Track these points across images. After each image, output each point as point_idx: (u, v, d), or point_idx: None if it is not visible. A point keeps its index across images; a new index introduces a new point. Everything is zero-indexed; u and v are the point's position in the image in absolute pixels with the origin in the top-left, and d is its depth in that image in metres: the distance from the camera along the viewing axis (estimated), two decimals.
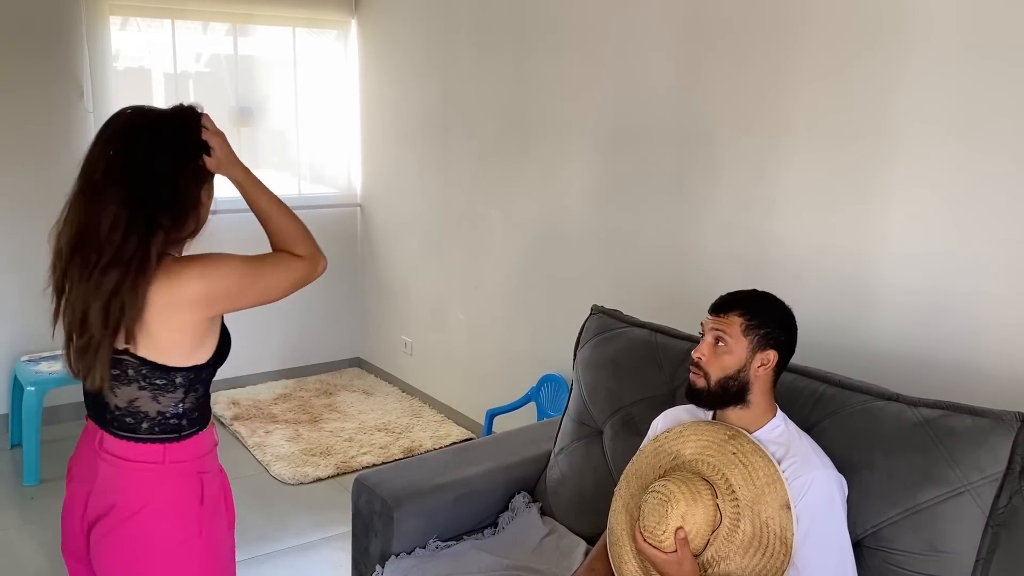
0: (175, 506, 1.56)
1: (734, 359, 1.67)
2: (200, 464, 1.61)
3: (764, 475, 1.62)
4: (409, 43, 4.35)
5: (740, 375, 1.67)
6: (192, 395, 1.58)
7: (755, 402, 1.70)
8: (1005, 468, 1.60)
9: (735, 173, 2.65)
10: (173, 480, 1.57)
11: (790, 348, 1.73)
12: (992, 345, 2.04)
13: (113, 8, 4.13)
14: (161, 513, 1.55)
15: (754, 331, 1.67)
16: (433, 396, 4.48)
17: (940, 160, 2.11)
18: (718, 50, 2.66)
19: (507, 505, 2.42)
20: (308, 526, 3.28)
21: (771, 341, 1.68)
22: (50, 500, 3.44)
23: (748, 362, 1.67)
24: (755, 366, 1.67)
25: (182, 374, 1.55)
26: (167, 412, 1.56)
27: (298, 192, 4.89)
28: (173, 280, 1.47)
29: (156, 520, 1.55)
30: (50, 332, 1.61)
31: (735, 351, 1.67)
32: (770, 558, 1.60)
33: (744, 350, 1.67)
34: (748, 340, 1.67)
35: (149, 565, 1.57)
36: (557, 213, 3.44)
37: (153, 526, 1.55)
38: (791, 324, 1.74)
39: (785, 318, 1.73)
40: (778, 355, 1.69)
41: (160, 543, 1.56)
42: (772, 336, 1.68)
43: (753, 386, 1.69)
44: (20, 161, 3.94)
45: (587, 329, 2.51)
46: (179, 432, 1.57)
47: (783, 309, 1.74)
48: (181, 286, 1.47)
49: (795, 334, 1.74)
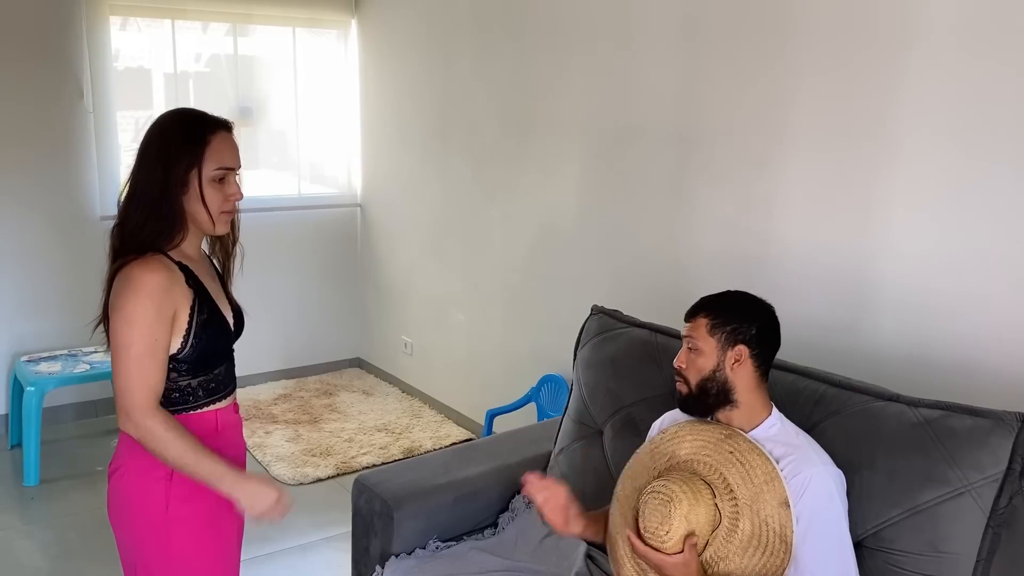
0: (143, 475, 1.66)
1: (706, 360, 1.70)
2: None
3: (762, 473, 1.62)
4: (409, 43, 4.35)
5: (716, 375, 1.70)
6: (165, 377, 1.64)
7: (744, 401, 1.71)
8: (1005, 468, 1.60)
9: (735, 173, 2.65)
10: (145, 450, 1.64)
11: (765, 342, 1.72)
12: (992, 345, 2.04)
13: (113, 8, 4.13)
14: (131, 477, 1.67)
15: (719, 329, 1.70)
16: (433, 396, 4.48)
17: (940, 160, 2.11)
18: (718, 50, 2.66)
19: (507, 505, 2.41)
20: (308, 526, 3.28)
21: (739, 337, 1.69)
22: (50, 500, 3.44)
23: (721, 361, 1.69)
24: (729, 364, 1.69)
25: None
26: None
27: (298, 192, 4.89)
28: (121, 280, 1.59)
29: (126, 482, 1.68)
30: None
31: (705, 352, 1.70)
32: (770, 556, 1.60)
33: (714, 350, 1.70)
34: (715, 339, 1.70)
35: (123, 526, 1.71)
36: (557, 213, 3.44)
37: (124, 487, 1.68)
38: (763, 318, 1.73)
39: (753, 313, 1.73)
40: (750, 350, 1.69)
41: (130, 507, 1.68)
42: (739, 331, 1.69)
43: (735, 385, 1.70)
44: (20, 161, 3.94)
45: (587, 329, 2.51)
46: None
47: (752, 305, 1.75)
48: (117, 288, 1.60)
49: (771, 327, 1.74)
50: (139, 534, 1.70)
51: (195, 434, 1.63)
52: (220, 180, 1.66)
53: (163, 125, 1.65)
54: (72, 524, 3.24)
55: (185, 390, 1.69)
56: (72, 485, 3.55)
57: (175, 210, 1.62)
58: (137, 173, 1.63)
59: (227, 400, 1.78)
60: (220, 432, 1.75)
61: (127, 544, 1.73)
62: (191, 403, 1.70)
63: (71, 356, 3.89)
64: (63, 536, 3.17)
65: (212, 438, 1.70)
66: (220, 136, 1.66)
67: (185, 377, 1.68)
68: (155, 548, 1.69)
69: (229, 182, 1.68)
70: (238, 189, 1.70)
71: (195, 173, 1.62)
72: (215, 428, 1.74)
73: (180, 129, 1.64)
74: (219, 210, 1.66)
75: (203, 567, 1.74)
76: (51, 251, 4.06)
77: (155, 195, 1.61)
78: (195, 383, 1.69)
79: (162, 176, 1.60)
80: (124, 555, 1.74)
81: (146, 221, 1.61)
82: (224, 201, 1.66)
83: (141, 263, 1.58)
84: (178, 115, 1.68)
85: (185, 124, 1.65)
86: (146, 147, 1.64)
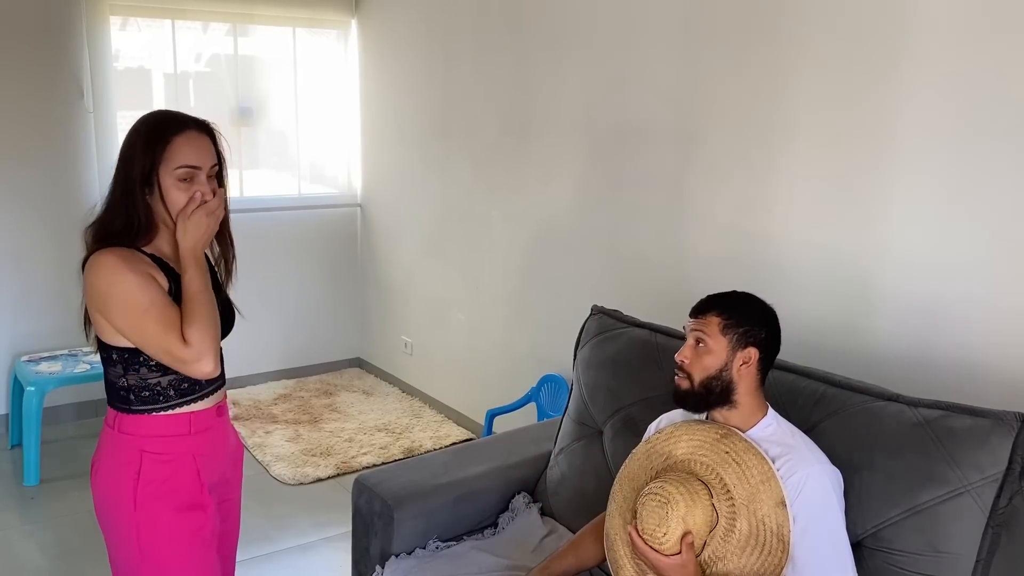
0: (115, 472, 1.69)
1: (715, 359, 1.69)
2: (146, 442, 1.68)
3: (758, 473, 1.62)
4: (409, 43, 4.35)
5: (723, 374, 1.69)
6: (134, 373, 1.65)
7: (742, 402, 1.71)
8: (1005, 468, 1.60)
9: (735, 173, 2.65)
10: (118, 447, 1.69)
11: (772, 346, 1.73)
12: (992, 345, 2.04)
13: (113, 8, 4.13)
14: (105, 475, 1.70)
15: (732, 330, 1.69)
16: (433, 396, 4.48)
17: (940, 160, 2.11)
18: (718, 50, 2.66)
19: (507, 505, 2.42)
20: (308, 526, 3.28)
21: (750, 339, 1.69)
22: (50, 500, 3.44)
23: (729, 361, 1.69)
24: (737, 364, 1.69)
25: (116, 351, 1.65)
26: (116, 384, 1.69)
27: (298, 192, 4.89)
28: (84, 276, 1.63)
29: (99, 480, 1.71)
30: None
31: (715, 351, 1.69)
32: (768, 556, 1.60)
33: (724, 349, 1.69)
34: (727, 339, 1.69)
35: (102, 523, 1.73)
36: (557, 213, 3.44)
37: (100, 485, 1.71)
38: (771, 322, 1.74)
39: (764, 316, 1.73)
40: (759, 353, 1.70)
41: (104, 505, 1.71)
42: (751, 334, 1.69)
43: (738, 385, 1.70)
44: (20, 161, 3.94)
45: (587, 329, 2.51)
46: (128, 404, 1.68)
47: (762, 308, 1.75)
48: (84, 285, 1.64)
49: (777, 332, 1.75)
50: (113, 533, 1.71)
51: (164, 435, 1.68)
52: (186, 180, 1.63)
53: (135, 126, 1.67)
54: (72, 524, 3.24)
55: (155, 388, 1.66)
56: (72, 485, 3.54)
57: (138, 209, 1.63)
58: (113, 174, 1.66)
59: (206, 402, 1.73)
60: (193, 434, 1.71)
61: (107, 541, 1.75)
62: (161, 403, 1.67)
63: (71, 356, 3.89)
64: (63, 536, 3.17)
65: (184, 438, 1.70)
66: (187, 135, 1.64)
67: (154, 374, 1.65)
68: (126, 547, 1.70)
69: (198, 181, 1.64)
70: (207, 188, 1.65)
71: (155, 174, 1.62)
72: (187, 430, 1.70)
73: (145, 129, 1.65)
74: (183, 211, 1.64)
75: (175, 566, 1.72)
76: (51, 251, 4.06)
77: (118, 194, 1.64)
78: (165, 381, 1.66)
79: (124, 175, 1.63)
80: (108, 551, 1.76)
81: (113, 219, 1.64)
82: (190, 202, 1.63)
83: (100, 251, 1.62)
84: (150, 116, 1.68)
85: (151, 124, 1.65)
86: (121, 148, 1.67)
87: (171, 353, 1.59)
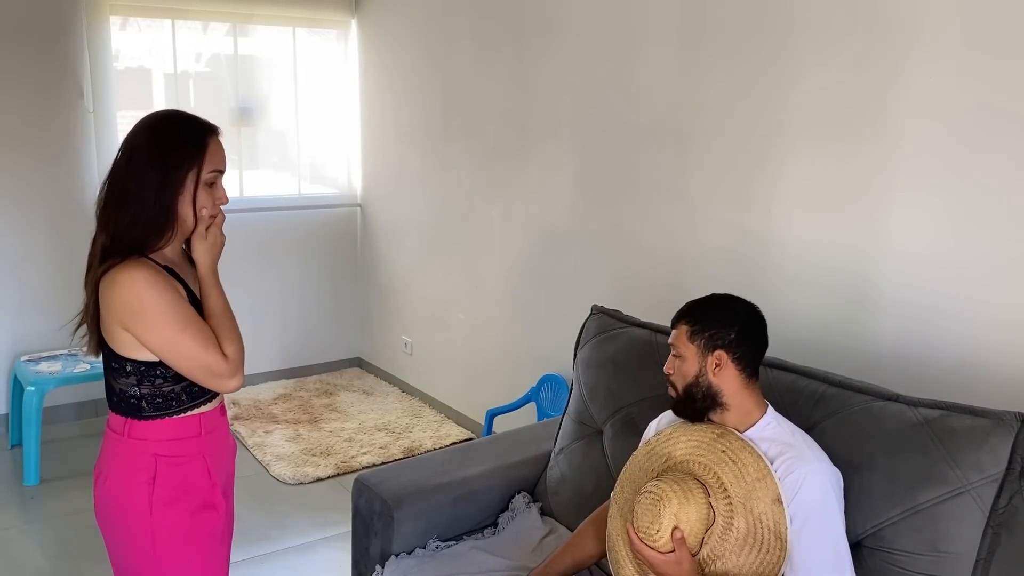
0: (127, 479, 1.67)
1: (689, 366, 1.73)
2: (159, 447, 1.68)
3: (754, 471, 1.63)
4: (409, 43, 4.35)
5: (700, 380, 1.72)
6: (148, 384, 1.65)
7: (733, 403, 1.72)
8: (1005, 468, 1.60)
9: (735, 173, 2.65)
10: (130, 454, 1.67)
11: (747, 344, 1.73)
12: (992, 345, 2.04)
13: (113, 8, 4.13)
14: (116, 482, 1.68)
15: (698, 336, 1.72)
16: (433, 396, 4.49)
17: (940, 160, 2.11)
18: (717, 49, 2.66)
19: (507, 505, 2.42)
20: (308, 526, 3.28)
21: (717, 342, 1.71)
22: (50, 500, 3.44)
23: (703, 366, 1.72)
24: (711, 369, 1.71)
25: (131, 363, 1.64)
26: (126, 392, 1.67)
27: (298, 192, 4.89)
28: (106, 289, 1.60)
29: (112, 487, 1.69)
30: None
31: (687, 358, 1.73)
32: (766, 553, 1.60)
33: (694, 356, 1.72)
34: (695, 346, 1.72)
35: (110, 530, 1.72)
36: (557, 213, 3.44)
37: (110, 492, 1.69)
38: (743, 320, 1.74)
39: (731, 318, 1.73)
40: (729, 354, 1.70)
41: (115, 511, 1.69)
42: (717, 337, 1.71)
43: (721, 388, 1.71)
44: (20, 161, 3.94)
45: (587, 329, 2.51)
46: (139, 412, 1.67)
47: (731, 309, 1.76)
48: (106, 299, 1.60)
49: (753, 329, 1.75)
50: (125, 539, 1.70)
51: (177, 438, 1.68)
52: (211, 184, 1.67)
53: (154, 127, 1.64)
54: (72, 524, 3.24)
55: (168, 396, 1.68)
56: (72, 485, 3.55)
57: (168, 211, 1.62)
58: (125, 175, 1.61)
59: (212, 403, 1.76)
60: (203, 435, 1.73)
61: (114, 548, 1.73)
62: (174, 407, 1.69)
63: (71, 356, 3.89)
64: (63, 536, 3.17)
65: (195, 440, 1.71)
66: (217, 138, 1.69)
67: (169, 383, 1.67)
68: (141, 552, 1.69)
69: (219, 186, 1.69)
70: (224, 192, 1.71)
71: (193, 175, 1.63)
72: (198, 431, 1.72)
73: (179, 131, 1.64)
74: (208, 213, 1.67)
75: (190, 569, 1.73)
76: (51, 251, 4.06)
77: (149, 197, 1.60)
78: (178, 388, 1.68)
79: (159, 178, 1.60)
80: (113, 558, 1.75)
81: (136, 222, 1.60)
82: (213, 205, 1.68)
83: (124, 266, 1.58)
84: (170, 117, 1.68)
85: (183, 126, 1.65)
86: (134, 149, 1.62)
87: (210, 369, 1.62)
